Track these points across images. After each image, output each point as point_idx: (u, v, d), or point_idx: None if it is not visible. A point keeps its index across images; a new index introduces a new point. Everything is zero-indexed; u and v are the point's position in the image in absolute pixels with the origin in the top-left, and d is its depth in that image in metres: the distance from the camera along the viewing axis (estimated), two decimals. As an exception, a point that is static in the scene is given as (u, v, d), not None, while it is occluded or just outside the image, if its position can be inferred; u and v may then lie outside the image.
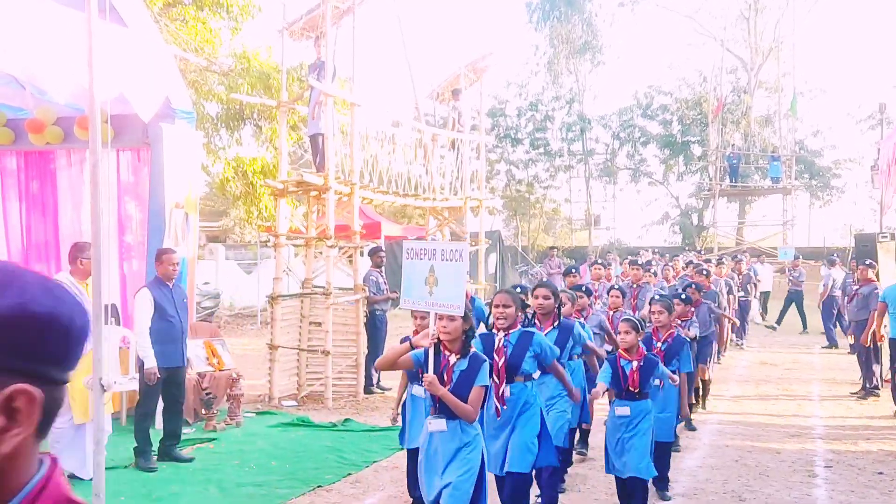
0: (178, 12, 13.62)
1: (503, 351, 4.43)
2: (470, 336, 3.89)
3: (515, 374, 4.42)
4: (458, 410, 3.74)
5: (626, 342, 5.02)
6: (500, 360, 4.37)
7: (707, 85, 31.02)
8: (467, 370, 3.79)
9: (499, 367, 4.37)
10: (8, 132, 8.76)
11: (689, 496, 5.66)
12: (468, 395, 3.75)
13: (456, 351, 3.84)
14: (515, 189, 33.21)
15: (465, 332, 3.84)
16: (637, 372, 4.96)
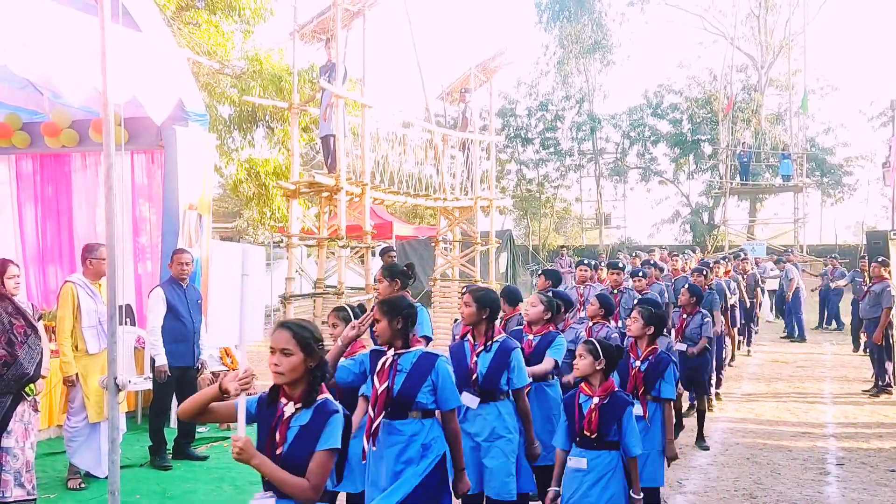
0: (191, 16, 13.73)
1: (387, 374, 3.44)
2: (318, 377, 2.67)
3: (408, 408, 3.41)
4: (285, 487, 2.55)
5: (580, 370, 3.90)
6: (381, 386, 3.42)
7: (717, 83, 30.90)
8: (309, 425, 2.60)
9: (377, 396, 3.43)
10: (24, 136, 8.87)
11: (700, 494, 5.68)
12: (306, 462, 2.56)
13: (296, 398, 2.66)
14: (526, 189, 33.21)
15: (310, 369, 2.64)
16: (596, 412, 3.81)
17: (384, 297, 4.21)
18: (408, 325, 3.45)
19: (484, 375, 4.06)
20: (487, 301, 4.10)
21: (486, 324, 4.11)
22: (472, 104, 12.05)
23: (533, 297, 4.93)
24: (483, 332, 4.11)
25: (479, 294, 4.14)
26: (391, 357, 3.45)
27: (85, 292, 5.41)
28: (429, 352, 3.54)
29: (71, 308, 5.33)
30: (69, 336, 5.33)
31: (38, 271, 9.79)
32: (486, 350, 4.10)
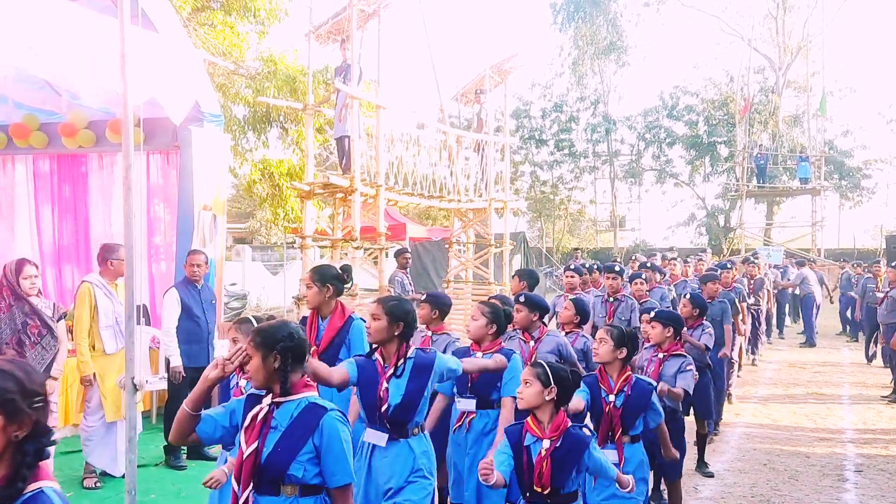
0: (206, 17, 13.80)
1: (257, 432, 2.65)
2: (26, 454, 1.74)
3: (280, 482, 2.56)
4: None
5: (525, 399, 3.09)
6: (247, 449, 2.59)
7: (734, 85, 30.69)
8: None
9: (241, 462, 2.61)
10: (42, 136, 8.94)
11: (717, 499, 5.62)
12: None
13: None
14: (540, 190, 33.13)
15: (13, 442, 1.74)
16: (548, 461, 3.01)
17: (313, 303, 4.17)
18: (288, 362, 2.52)
19: (396, 406, 3.32)
20: (400, 313, 3.38)
21: (398, 342, 3.40)
22: (486, 105, 12.02)
23: (475, 310, 4.27)
24: (394, 352, 3.39)
25: (390, 304, 3.42)
26: (266, 408, 2.55)
27: (102, 292, 5.43)
28: (317, 403, 2.57)
29: (88, 308, 5.35)
30: (87, 336, 5.35)
31: (55, 271, 9.86)
32: (396, 375, 3.36)
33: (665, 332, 4.76)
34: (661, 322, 4.79)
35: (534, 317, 4.80)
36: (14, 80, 8.17)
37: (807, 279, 15.08)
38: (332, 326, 4.29)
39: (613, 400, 3.85)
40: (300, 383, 2.61)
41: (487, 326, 4.15)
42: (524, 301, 4.78)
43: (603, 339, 3.92)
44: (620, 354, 3.90)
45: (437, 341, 4.72)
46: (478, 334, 4.17)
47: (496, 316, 4.17)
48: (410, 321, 3.42)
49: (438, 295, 5.06)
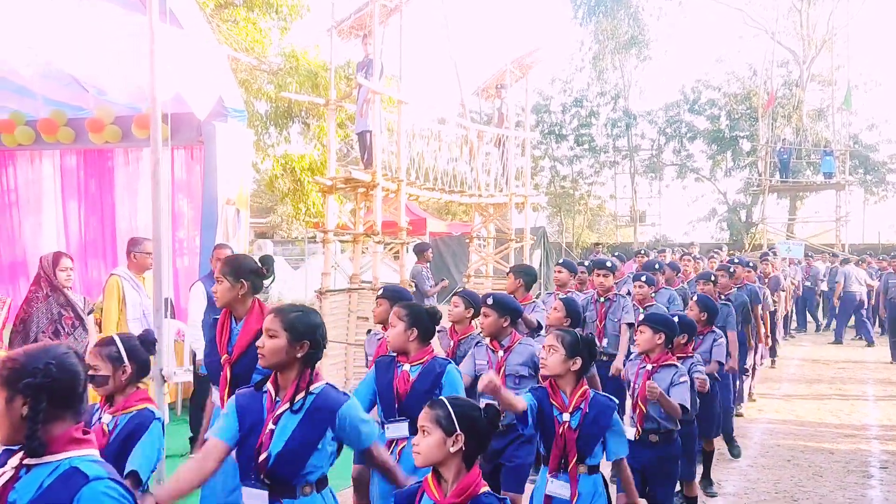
0: (229, 13, 13.92)
1: None
2: None
3: None
4: None
5: (421, 454, 2.33)
6: None
7: (757, 79, 30.34)
8: None
9: None
10: (69, 131, 9.07)
11: (740, 496, 5.60)
12: None
13: None
14: (560, 185, 33.03)
15: None
16: None
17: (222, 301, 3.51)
18: (40, 408, 1.84)
19: (276, 455, 2.54)
20: (304, 328, 2.62)
21: (300, 367, 2.62)
22: (507, 100, 12.02)
23: (392, 314, 3.59)
24: (292, 381, 2.61)
25: (291, 317, 2.63)
26: (8, 473, 1.87)
27: (130, 285, 5.52)
28: (79, 468, 1.85)
29: (116, 300, 5.45)
30: (115, 328, 5.44)
31: (81, 265, 10.01)
32: (292, 410, 2.57)
33: (655, 339, 4.11)
34: (650, 326, 4.14)
35: (504, 321, 4.18)
36: (42, 75, 8.29)
37: (849, 277, 14.75)
38: (247, 330, 3.51)
39: (568, 420, 3.18)
40: (64, 437, 1.87)
41: (407, 332, 3.42)
42: (492, 303, 4.16)
43: (552, 347, 3.25)
44: (574, 365, 3.25)
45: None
46: (396, 343, 3.44)
47: (416, 319, 3.43)
48: (318, 339, 2.64)
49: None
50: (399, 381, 3.44)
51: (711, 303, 5.63)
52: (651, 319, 4.24)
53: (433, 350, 3.52)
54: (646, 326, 4.18)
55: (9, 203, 10.34)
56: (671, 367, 4.17)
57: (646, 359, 4.21)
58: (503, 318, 4.18)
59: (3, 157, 10.27)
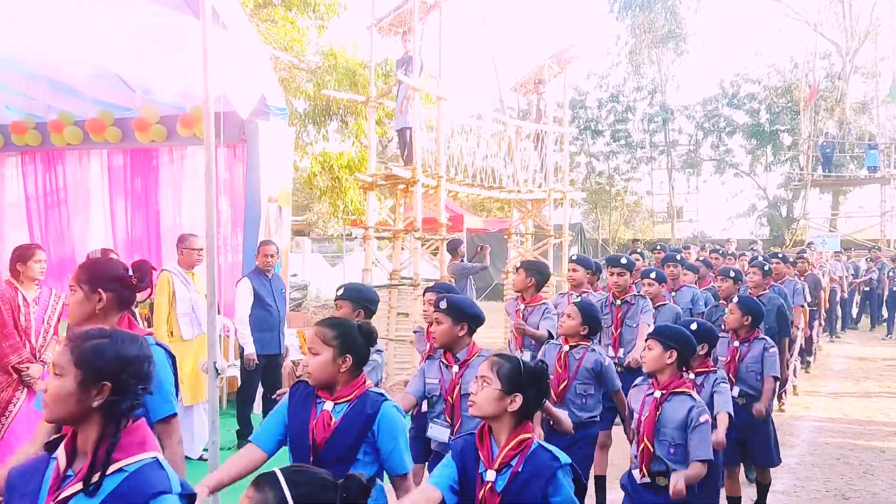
0: (268, 13, 14.07)
1: None
2: None
3: None
4: None
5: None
6: None
7: (798, 71, 29.76)
8: None
9: None
10: (116, 131, 9.26)
11: (790, 494, 5.52)
12: None
13: None
14: (595, 181, 32.79)
15: None
16: None
17: (76, 318, 2.68)
18: None
19: None
20: (102, 364, 1.77)
21: (101, 424, 1.77)
22: (546, 95, 11.97)
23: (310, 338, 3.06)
24: (90, 446, 1.78)
25: (85, 347, 1.79)
26: None
27: (179, 280, 5.63)
28: None
29: (167, 295, 5.56)
30: (165, 322, 5.56)
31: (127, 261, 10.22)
32: (84, 492, 1.72)
33: (665, 358, 3.37)
34: (659, 341, 3.41)
35: (459, 329, 3.44)
36: (90, 76, 8.50)
37: None
38: None
39: (492, 480, 2.35)
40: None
41: (337, 361, 2.58)
42: (445, 307, 3.45)
43: (484, 379, 2.42)
44: (512, 404, 2.38)
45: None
46: (322, 376, 2.59)
47: (350, 343, 2.59)
48: (127, 382, 1.78)
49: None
50: (317, 423, 2.57)
51: (754, 303, 4.83)
52: (661, 333, 3.47)
53: (366, 380, 2.64)
54: (655, 341, 3.42)
55: (58, 201, 10.61)
56: (685, 396, 3.38)
57: (654, 383, 3.45)
58: (458, 325, 3.43)
59: (53, 157, 10.53)
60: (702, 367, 3.97)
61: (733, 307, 4.77)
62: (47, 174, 10.62)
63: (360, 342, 2.62)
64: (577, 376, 4.14)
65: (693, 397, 3.40)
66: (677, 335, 3.45)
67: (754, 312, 4.72)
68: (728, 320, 4.77)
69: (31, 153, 10.48)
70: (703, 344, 3.88)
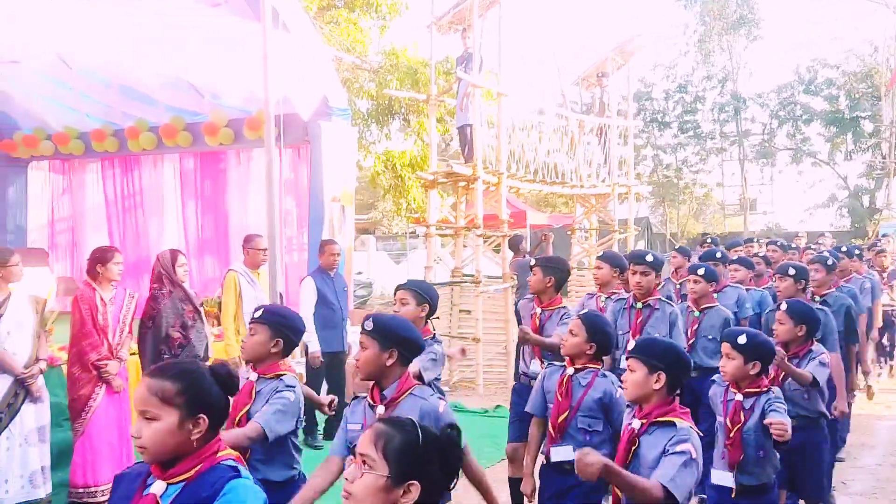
0: (331, 15, 14.32)
1: None
2: None
3: None
4: None
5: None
6: None
7: (879, 55, 28.38)
8: None
9: None
10: (187, 135, 9.61)
11: (868, 495, 5.29)
12: None
13: None
14: (663, 174, 32.08)
15: None
16: None
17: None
18: None
19: None
20: None
21: None
22: (609, 88, 11.79)
23: None
24: None
25: None
26: None
27: (246, 280, 5.79)
28: None
29: (234, 295, 5.71)
30: (233, 321, 5.72)
31: (198, 262, 10.60)
32: None
33: (651, 382, 2.67)
34: (641, 361, 2.70)
35: (388, 358, 2.70)
36: (162, 84, 8.83)
37: None
38: None
39: None
40: None
41: (184, 425, 1.85)
42: (372, 329, 2.71)
43: (365, 459, 1.77)
44: (406, 498, 1.74)
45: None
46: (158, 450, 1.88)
47: (200, 398, 1.90)
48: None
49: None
50: None
51: (807, 308, 4.00)
52: (642, 350, 2.74)
53: (219, 448, 1.92)
54: (635, 361, 2.72)
55: (135, 205, 11.08)
56: (669, 428, 2.61)
57: (637, 411, 2.75)
58: (386, 351, 2.68)
59: (130, 162, 11.01)
60: (752, 387, 3.27)
61: (782, 315, 3.92)
62: (125, 179, 11.12)
63: (215, 393, 1.91)
64: (580, 407, 3.31)
65: (676, 428, 2.59)
66: (665, 352, 2.73)
67: (809, 320, 3.90)
68: (778, 332, 3.93)
69: (109, 159, 10.99)
70: (755, 362, 3.22)
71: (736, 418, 3.26)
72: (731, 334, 3.30)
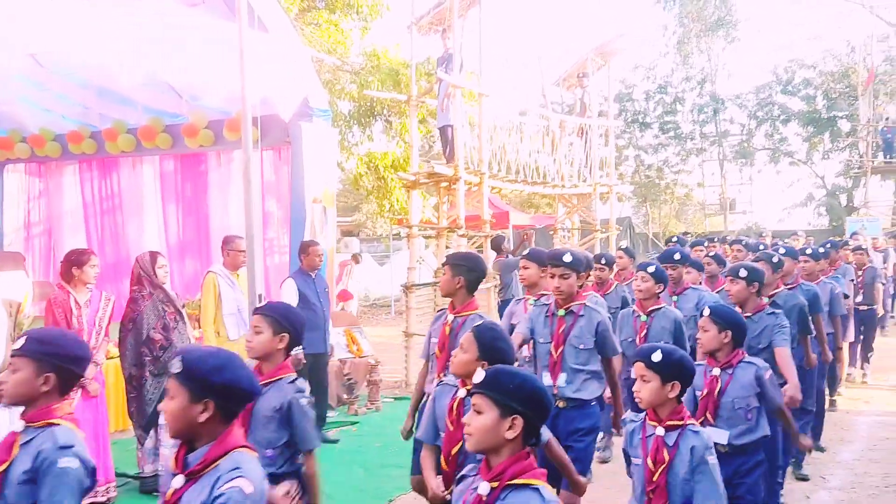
0: (312, 16, 14.27)
1: None
2: None
3: None
4: None
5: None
6: None
7: (855, 55, 28.75)
8: None
9: None
10: (167, 137, 9.50)
11: (847, 489, 5.35)
12: None
13: None
14: (644, 175, 32.29)
15: None
16: None
17: None
18: None
19: None
20: None
21: None
22: (590, 89, 11.84)
23: None
24: None
25: None
26: None
27: (225, 282, 5.75)
28: None
29: (213, 296, 5.67)
30: (212, 323, 5.67)
31: (179, 264, 10.49)
32: None
33: (503, 428, 2.04)
34: (492, 399, 2.06)
35: (201, 411, 2.04)
36: (142, 85, 8.73)
37: None
38: None
39: None
40: None
41: None
42: (179, 372, 2.06)
43: None
44: None
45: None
46: None
47: None
48: None
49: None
50: None
51: (733, 314, 3.59)
52: (491, 384, 2.08)
53: None
54: (482, 399, 2.07)
55: (113, 207, 10.94)
56: (528, 494, 2.00)
57: (483, 469, 2.10)
58: (200, 402, 2.03)
59: (108, 164, 10.87)
60: (674, 419, 2.76)
61: (706, 321, 3.50)
62: (103, 181, 10.96)
63: None
64: None
65: (542, 495, 2.00)
66: (520, 388, 2.09)
67: (735, 326, 3.49)
68: (702, 339, 3.52)
69: (87, 161, 10.83)
70: (672, 382, 2.73)
71: (658, 457, 2.71)
72: (644, 351, 2.82)
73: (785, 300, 4.87)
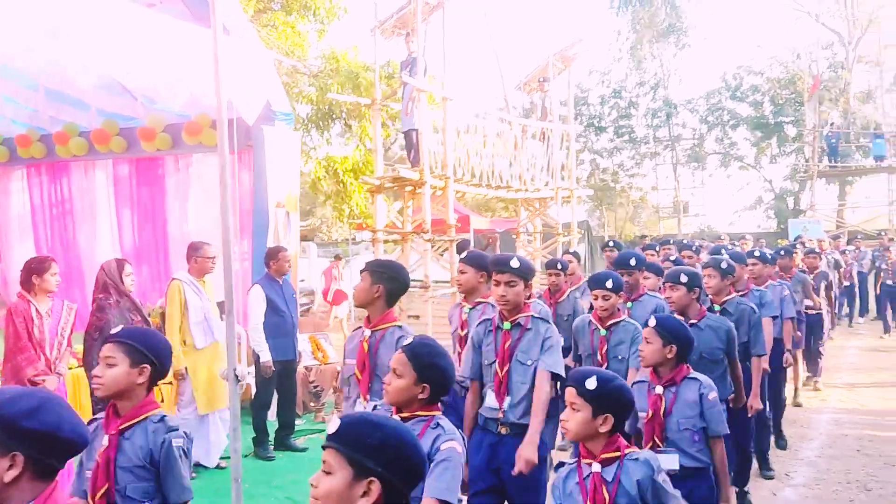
0: (268, 18, 14.08)
1: None
2: None
3: None
4: None
5: None
6: None
7: (801, 62, 29.66)
8: None
9: None
10: (121, 141, 9.24)
11: (811, 486, 5.47)
12: None
13: None
14: (600, 178, 32.73)
15: None
16: None
17: None
18: None
19: None
20: None
21: None
22: (550, 93, 11.94)
23: None
24: None
25: None
26: None
27: (191, 289, 5.60)
28: None
29: (179, 304, 5.53)
30: (178, 331, 5.53)
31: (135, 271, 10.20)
32: None
33: (357, 493, 1.68)
34: (345, 456, 1.70)
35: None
36: (95, 86, 8.48)
37: None
38: None
39: None
40: None
41: None
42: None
43: None
44: None
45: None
46: None
47: None
48: None
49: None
50: None
51: (679, 326, 3.32)
52: (345, 439, 1.70)
53: None
54: (334, 455, 1.71)
55: (64, 213, 10.58)
56: None
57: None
58: (2, 458, 1.69)
59: (58, 169, 10.51)
60: (609, 451, 2.48)
61: (650, 333, 3.24)
62: (53, 186, 10.60)
63: None
64: None
65: None
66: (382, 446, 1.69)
67: (680, 339, 3.24)
68: (644, 353, 3.28)
69: (36, 165, 10.47)
70: (605, 415, 2.45)
71: (598, 497, 2.41)
72: (577, 376, 2.50)
73: (735, 307, 4.71)
